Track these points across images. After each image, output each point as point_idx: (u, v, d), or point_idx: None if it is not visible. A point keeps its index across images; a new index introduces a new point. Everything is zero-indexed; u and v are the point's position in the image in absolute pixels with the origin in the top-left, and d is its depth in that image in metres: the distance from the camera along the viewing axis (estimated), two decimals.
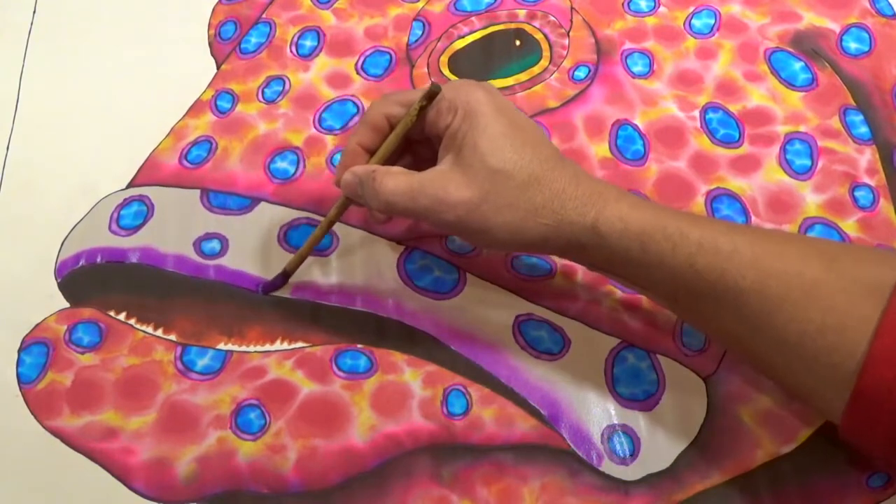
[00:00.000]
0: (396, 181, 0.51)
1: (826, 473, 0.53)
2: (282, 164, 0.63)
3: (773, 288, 0.46)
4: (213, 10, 0.70)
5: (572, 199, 0.49)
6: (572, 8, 0.69)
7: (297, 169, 0.63)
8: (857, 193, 0.62)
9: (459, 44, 0.67)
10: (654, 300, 0.53)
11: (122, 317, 0.58)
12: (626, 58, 0.67)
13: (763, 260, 0.46)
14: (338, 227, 0.60)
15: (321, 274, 0.59)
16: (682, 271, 0.47)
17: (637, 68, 0.67)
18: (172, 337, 0.57)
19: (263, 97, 0.66)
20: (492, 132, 0.49)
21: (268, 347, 0.57)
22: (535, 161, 0.49)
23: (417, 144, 0.55)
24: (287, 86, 0.66)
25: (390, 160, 0.54)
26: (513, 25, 0.68)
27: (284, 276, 0.57)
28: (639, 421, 0.55)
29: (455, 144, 0.50)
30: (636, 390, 0.56)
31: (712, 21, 0.69)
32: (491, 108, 0.50)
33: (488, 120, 0.50)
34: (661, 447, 0.54)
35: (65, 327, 0.57)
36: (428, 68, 0.66)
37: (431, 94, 0.51)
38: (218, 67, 0.68)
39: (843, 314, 0.45)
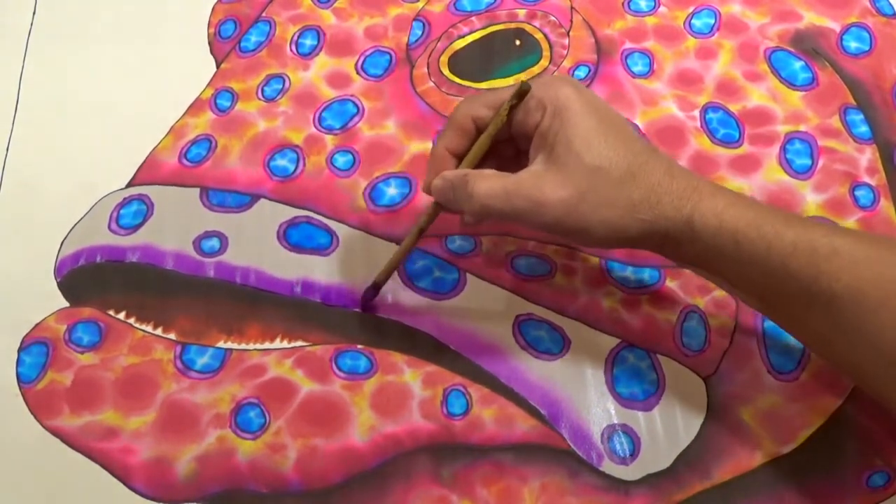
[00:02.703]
0: (490, 184, 0.49)
1: (826, 473, 0.53)
2: (281, 162, 0.63)
3: (868, 293, 0.45)
4: (213, 8, 0.70)
5: (668, 194, 0.48)
6: (572, 7, 0.69)
7: (296, 167, 0.63)
8: (857, 193, 0.62)
9: (459, 43, 0.67)
10: (743, 299, 0.53)
11: (121, 316, 0.58)
12: (626, 57, 0.67)
13: (861, 264, 0.45)
14: (337, 227, 0.60)
15: (322, 273, 0.59)
16: (774, 271, 0.46)
17: (637, 68, 0.67)
18: (172, 336, 0.57)
19: (263, 95, 0.66)
20: (584, 129, 0.48)
21: (267, 346, 0.57)
22: (629, 156, 0.48)
23: (501, 144, 0.53)
24: (287, 84, 0.66)
25: (479, 163, 0.52)
26: (513, 25, 0.68)
27: (375, 288, 0.57)
28: (639, 421, 0.55)
29: (547, 143, 0.49)
30: (636, 390, 0.56)
31: (712, 21, 0.69)
32: (581, 104, 0.49)
33: (579, 116, 0.48)
34: (661, 447, 0.54)
35: (64, 327, 0.57)
36: (428, 68, 0.66)
37: (522, 93, 0.50)
38: (217, 66, 0.68)
39: None
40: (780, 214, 0.48)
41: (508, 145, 0.53)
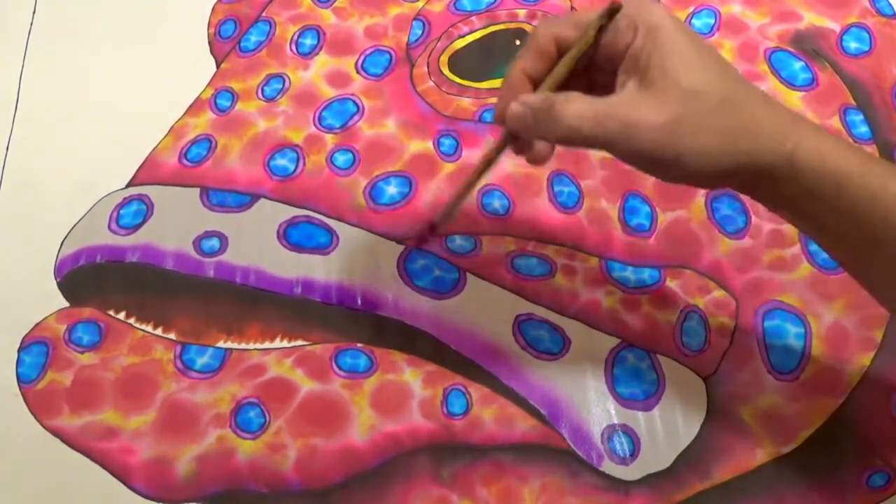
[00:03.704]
0: (580, 105, 0.45)
1: (826, 473, 0.53)
2: (281, 162, 0.63)
3: None
4: (213, 8, 0.70)
5: (769, 126, 0.44)
6: (572, 7, 0.69)
7: (296, 166, 0.63)
8: None
9: (459, 43, 0.67)
10: (828, 249, 0.48)
11: (121, 316, 0.58)
12: None
13: None
14: (337, 227, 0.60)
15: (322, 273, 0.59)
16: (874, 225, 0.43)
17: None
18: (172, 335, 0.57)
19: (263, 95, 0.66)
20: (680, 51, 0.45)
21: (267, 345, 0.57)
22: (727, 81, 0.45)
23: (574, 79, 0.48)
24: (287, 84, 0.66)
25: (558, 89, 0.48)
26: (513, 25, 0.68)
27: (431, 228, 0.53)
28: (639, 421, 0.55)
29: (639, 66, 0.45)
30: (636, 390, 0.56)
31: (712, 21, 0.69)
32: (674, 25, 0.45)
33: (675, 38, 0.45)
34: (661, 447, 0.54)
35: (64, 327, 0.57)
36: (428, 67, 0.66)
37: (612, 12, 0.46)
38: (217, 66, 0.68)
39: None
40: (884, 164, 0.45)
41: (582, 79, 0.49)
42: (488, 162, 0.49)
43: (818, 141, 0.44)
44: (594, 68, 0.48)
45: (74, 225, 0.61)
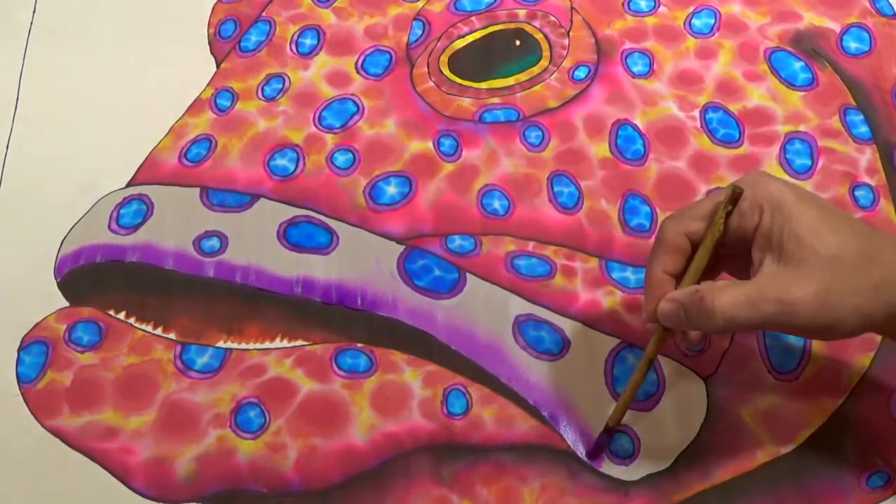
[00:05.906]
0: (732, 294, 0.47)
1: (825, 474, 0.53)
2: (281, 162, 0.63)
3: None
4: (213, 8, 0.70)
5: None
6: (572, 8, 0.69)
7: (296, 166, 0.63)
8: (857, 193, 0.62)
9: (459, 43, 0.67)
10: None
11: (121, 316, 0.58)
12: (626, 57, 0.67)
13: None
14: (337, 227, 0.60)
15: (322, 272, 0.59)
16: None
17: (637, 68, 0.67)
18: (172, 335, 0.57)
19: (263, 95, 0.66)
20: (808, 221, 0.46)
21: (267, 345, 0.57)
22: (859, 239, 0.47)
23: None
24: (287, 84, 0.66)
25: (699, 280, 0.50)
26: (513, 25, 0.68)
27: (608, 433, 0.53)
28: (639, 421, 0.55)
29: (773, 242, 0.47)
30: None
31: (712, 21, 0.69)
32: (795, 197, 0.47)
33: (800, 209, 0.47)
34: (661, 447, 0.54)
35: (64, 326, 0.57)
36: (428, 67, 0.66)
37: (735, 197, 0.48)
38: (217, 66, 0.68)
39: None
40: None
41: (710, 257, 0.51)
42: (650, 360, 0.51)
43: None
44: (719, 245, 0.50)
45: (74, 225, 0.61)
